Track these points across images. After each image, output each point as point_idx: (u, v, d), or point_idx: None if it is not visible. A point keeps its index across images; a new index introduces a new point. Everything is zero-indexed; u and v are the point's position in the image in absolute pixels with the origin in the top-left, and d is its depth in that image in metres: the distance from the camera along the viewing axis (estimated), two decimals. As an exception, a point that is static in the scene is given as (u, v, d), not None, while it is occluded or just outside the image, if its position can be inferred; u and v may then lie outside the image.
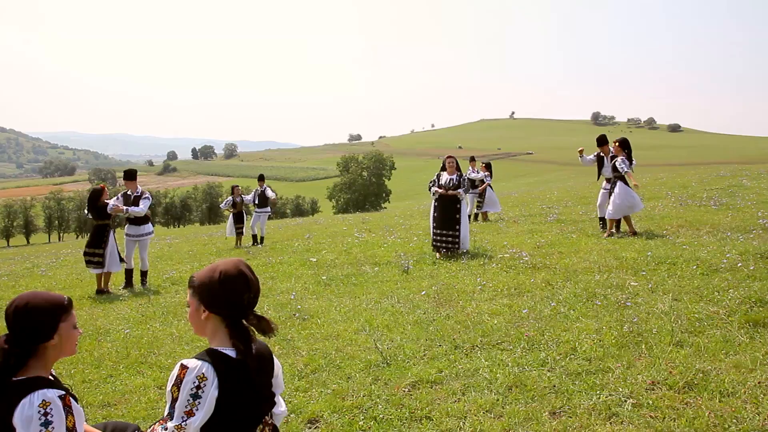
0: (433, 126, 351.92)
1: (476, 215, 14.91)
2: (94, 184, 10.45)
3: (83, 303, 9.00)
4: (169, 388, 2.32)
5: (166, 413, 2.34)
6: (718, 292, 5.41)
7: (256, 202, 14.67)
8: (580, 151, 10.64)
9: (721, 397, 3.20)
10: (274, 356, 2.57)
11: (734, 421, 2.92)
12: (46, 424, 2.30)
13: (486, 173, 15.04)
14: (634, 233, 9.64)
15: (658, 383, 3.45)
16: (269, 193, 14.70)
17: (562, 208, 15.90)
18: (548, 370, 3.85)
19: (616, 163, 9.69)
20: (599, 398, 3.32)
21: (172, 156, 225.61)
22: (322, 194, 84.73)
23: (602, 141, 10.33)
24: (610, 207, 9.77)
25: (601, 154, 10.28)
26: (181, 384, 2.27)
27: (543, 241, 9.79)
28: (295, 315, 6.36)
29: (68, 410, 2.38)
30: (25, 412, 2.29)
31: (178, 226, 78.80)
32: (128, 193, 9.39)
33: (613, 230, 9.98)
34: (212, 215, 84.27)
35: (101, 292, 9.19)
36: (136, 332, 6.43)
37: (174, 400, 2.29)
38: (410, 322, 5.49)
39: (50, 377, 2.50)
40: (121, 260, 9.40)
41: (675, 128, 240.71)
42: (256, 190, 14.91)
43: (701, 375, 3.46)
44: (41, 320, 2.43)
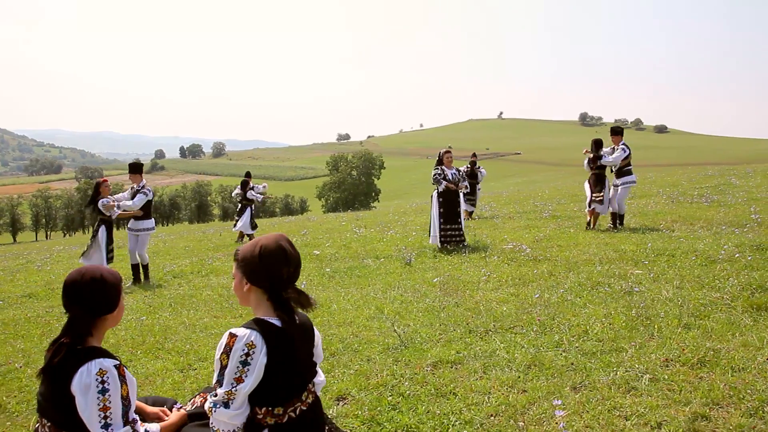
0: (421, 126, 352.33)
1: (470, 213, 15.07)
2: (82, 183, 10.47)
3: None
4: (218, 356, 2.42)
5: (214, 381, 2.45)
6: (719, 280, 5.59)
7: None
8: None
9: (732, 372, 3.35)
10: (314, 327, 2.69)
11: (748, 392, 3.08)
12: (103, 391, 2.40)
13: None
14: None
15: (672, 360, 3.60)
16: (257, 190, 14.78)
17: (556, 205, 16.08)
18: (563, 351, 4.00)
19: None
20: (617, 374, 3.47)
21: (159, 154, 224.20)
22: (310, 193, 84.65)
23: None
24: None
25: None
26: (230, 352, 2.37)
27: (541, 235, 9.96)
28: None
29: (122, 379, 2.48)
30: (83, 380, 2.39)
31: (167, 225, 78.36)
32: (133, 186, 9.39)
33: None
34: (201, 214, 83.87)
35: None
36: (147, 321, 6.50)
37: (223, 368, 2.39)
38: (420, 310, 5.61)
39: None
40: (109, 259, 9.37)
41: (661, 129, 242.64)
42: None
43: (712, 353, 3.62)
44: (112, 292, 2.54)
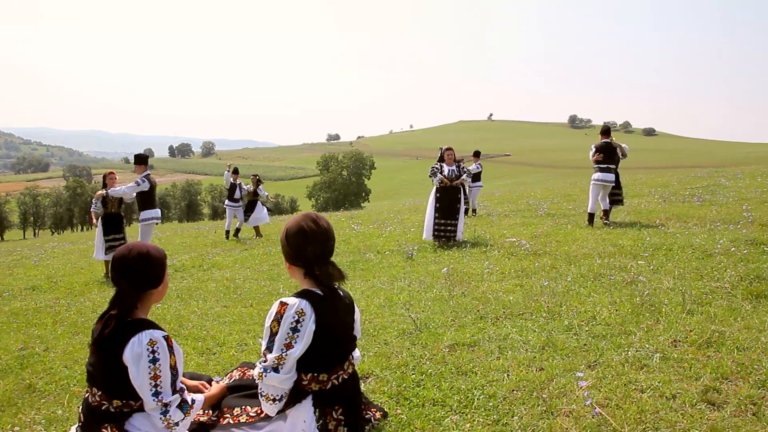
0: (411, 127, 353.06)
1: (474, 210, 15.24)
2: (70, 181, 10.61)
3: (91, 288, 9.15)
4: (268, 323, 2.57)
5: (263, 348, 2.59)
6: (717, 272, 5.79)
7: (236, 196, 14.44)
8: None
9: (738, 352, 3.53)
10: (354, 303, 2.84)
11: (755, 368, 3.26)
12: (154, 360, 2.54)
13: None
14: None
15: (679, 341, 3.78)
16: (244, 188, 14.52)
17: (550, 204, 16.28)
18: (574, 334, 4.17)
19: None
20: (628, 353, 3.64)
21: (149, 153, 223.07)
22: (300, 193, 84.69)
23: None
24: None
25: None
26: (281, 319, 2.52)
27: (539, 231, 10.15)
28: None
29: (170, 349, 2.62)
30: (135, 349, 2.53)
31: (157, 223, 78.09)
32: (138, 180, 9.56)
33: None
34: (191, 213, 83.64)
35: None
36: (158, 310, 6.61)
37: (273, 335, 2.54)
38: (429, 299, 5.77)
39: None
40: (108, 249, 9.50)
41: (650, 132, 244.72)
42: (232, 183, 14.49)
43: (717, 335, 3.81)
44: (157, 267, 2.68)
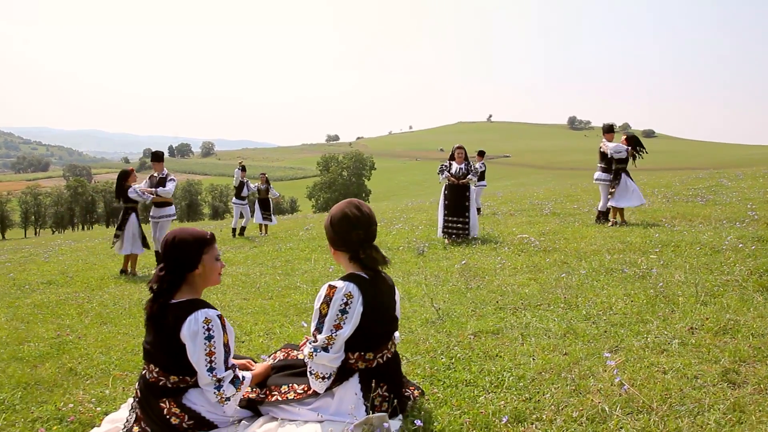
0: (411, 128, 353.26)
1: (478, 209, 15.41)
2: (71, 181, 10.71)
3: (107, 282, 9.26)
4: (317, 306, 2.73)
5: (313, 329, 2.75)
6: (726, 266, 5.96)
7: (243, 194, 14.68)
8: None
9: (753, 338, 3.69)
10: (395, 285, 3.00)
11: (772, 351, 3.43)
12: (209, 337, 2.70)
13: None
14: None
15: (696, 329, 3.95)
16: (251, 186, 14.88)
17: (554, 203, 16.43)
18: (593, 323, 4.33)
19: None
20: (648, 339, 3.80)
21: (148, 153, 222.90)
22: (300, 193, 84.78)
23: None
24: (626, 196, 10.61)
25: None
26: (330, 301, 2.69)
27: (547, 229, 10.31)
28: (332, 288, 6.76)
29: (224, 328, 2.78)
30: (192, 327, 2.69)
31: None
32: (154, 174, 9.71)
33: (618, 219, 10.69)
34: (191, 212, 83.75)
35: (124, 272, 9.48)
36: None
37: (323, 316, 2.70)
38: (446, 292, 5.93)
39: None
40: (145, 244, 9.68)
41: (649, 134, 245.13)
42: (240, 181, 14.74)
43: (732, 323, 3.97)
44: (187, 252, 2.82)
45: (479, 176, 15.30)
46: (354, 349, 2.73)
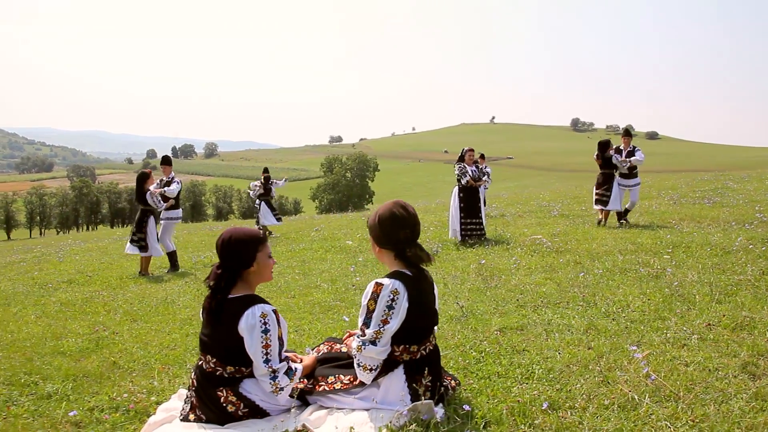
0: (414, 129, 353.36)
1: None
2: (75, 182, 10.87)
3: (126, 282, 9.44)
4: (365, 302, 2.92)
5: (360, 323, 2.94)
6: (738, 266, 6.14)
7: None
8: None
9: (770, 334, 3.89)
10: (434, 283, 3.19)
11: (789, 346, 3.62)
12: (265, 331, 2.90)
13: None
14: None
15: (713, 325, 4.13)
16: (280, 184, 15.46)
17: (562, 205, 16.59)
18: (612, 319, 4.52)
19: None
20: (667, 335, 3.99)
21: (151, 154, 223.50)
22: (303, 195, 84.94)
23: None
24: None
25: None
26: (377, 298, 2.87)
27: (558, 230, 10.48)
28: (352, 287, 6.95)
29: (278, 322, 2.98)
30: (249, 321, 2.89)
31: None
32: (163, 178, 9.96)
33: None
34: (195, 213, 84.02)
35: (144, 274, 9.68)
36: (202, 301, 6.94)
37: (370, 312, 2.89)
38: (465, 290, 6.11)
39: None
40: (142, 248, 9.81)
41: (653, 136, 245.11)
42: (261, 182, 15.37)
43: (748, 320, 4.15)
44: (242, 250, 3.02)
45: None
46: (399, 342, 2.92)
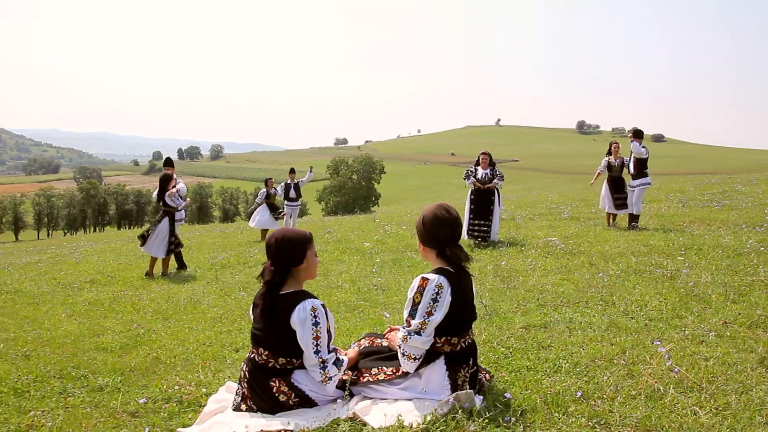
0: (419, 131, 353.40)
1: None
2: (83, 183, 11.05)
3: (148, 282, 9.66)
4: (410, 295, 3.14)
5: (406, 315, 3.16)
6: (750, 268, 6.33)
7: (291, 195, 15.16)
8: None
9: (785, 332, 4.09)
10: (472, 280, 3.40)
11: (806, 344, 3.82)
12: (316, 324, 3.12)
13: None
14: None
15: (730, 323, 4.33)
16: (306, 177, 15.40)
17: (571, 208, 16.75)
18: (632, 318, 4.72)
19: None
20: (686, 332, 4.19)
21: (157, 156, 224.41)
22: (310, 196, 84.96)
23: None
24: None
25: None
26: (423, 291, 3.09)
27: (570, 233, 10.68)
28: (374, 287, 7.16)
29: (326, 315, 3.20)
30: (300, 315, 3.11)
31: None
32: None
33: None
34: (202, 215, 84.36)
35: (165, 274, 9.92)
36: (230, 300, 7.18)
37: (416, 304, 3.11)
38: (485, 290, 6.31)
39: None
40: (170, 250, 10.05)
41: (658, 138, 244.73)
42: (287, 183, 15.25)
43: (763, 318, 4.35)
44: (294, 248, 3.25)
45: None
46: (441, 334, 3.13)
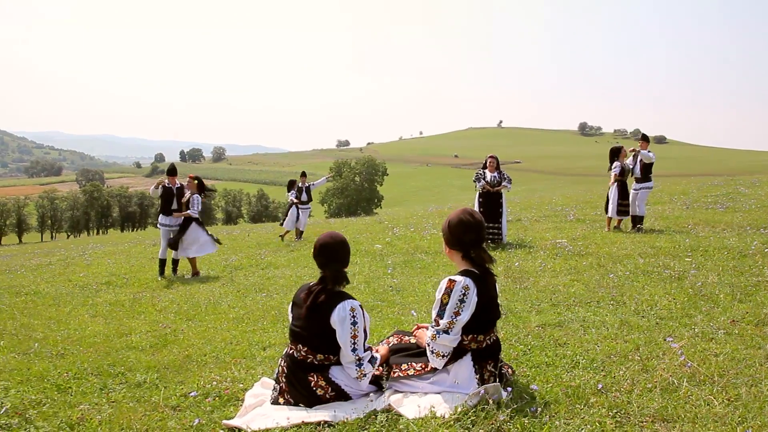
0: (421, 133, 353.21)
1: None
2: (87, 186, 11.18)
3: (162, 283, 9.86)
4: (439, 296, 3.34)
5: (434, 315, 3.36)
6: (756, 269, 6.53)
7: (302, 198, 15.41)
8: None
9: (791, 330, 4.28)
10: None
11: (812, 341, 4.01)
12: (354, 323, 3.34)
13: None
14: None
15: (737, 321, 4.53)
16: (319, 181, 15.89)
17: (576, 210, 16.92)
18: (643, 317, 4.92)
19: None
20: (695, 330, 4.39)
21: (159, 158, 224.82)
22: (313, 198, 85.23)
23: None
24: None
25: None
26: (451, 292, 3.29)
27: (577, 234, 10.87)
28: (389, 288, 7.36)
29: (363, 316, 3.41)
30: (340, 314, 3.33)
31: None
32: (168, 185, 10.32)
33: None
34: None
35: (196, 274, 10.22)
36: (248, 301, 7.38)
37: (444, 305, 3.31)
38: (499, 290, 6.50)
39: None
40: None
41: (660, 140, 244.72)
42: (298, 185, 15.53)
43: (770, 317, 4.55)
44: (348, 251, 3.48)
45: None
46: (468, 332, 3.33)
